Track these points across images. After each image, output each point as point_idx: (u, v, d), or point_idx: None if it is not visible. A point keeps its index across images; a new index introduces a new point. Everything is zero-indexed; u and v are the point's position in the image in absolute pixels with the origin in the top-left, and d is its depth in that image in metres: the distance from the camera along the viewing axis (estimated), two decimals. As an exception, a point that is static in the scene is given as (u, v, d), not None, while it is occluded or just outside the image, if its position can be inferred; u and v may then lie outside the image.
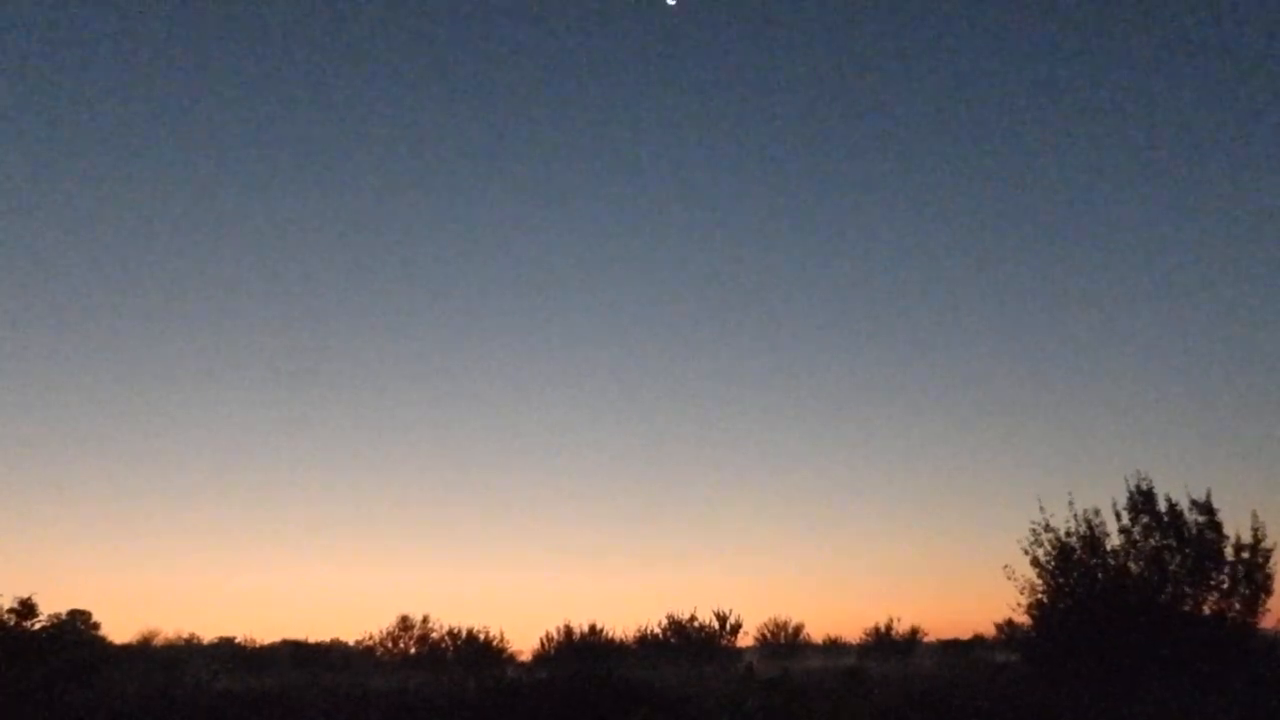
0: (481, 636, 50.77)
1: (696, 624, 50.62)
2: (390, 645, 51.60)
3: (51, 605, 24.44)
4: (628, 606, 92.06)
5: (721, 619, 50.76)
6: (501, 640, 51.03)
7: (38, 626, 23.57)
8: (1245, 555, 19.28)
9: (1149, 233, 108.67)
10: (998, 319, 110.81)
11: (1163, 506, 19.79)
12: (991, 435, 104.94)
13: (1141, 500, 19.98)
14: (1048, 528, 20.45)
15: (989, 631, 57.26)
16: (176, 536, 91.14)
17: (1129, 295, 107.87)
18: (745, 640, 54.61)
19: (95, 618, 54.28)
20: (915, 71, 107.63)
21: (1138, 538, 19.80)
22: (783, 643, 57.95)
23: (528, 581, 79.89)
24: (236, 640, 60.29)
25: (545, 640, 50.10)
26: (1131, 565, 19.70)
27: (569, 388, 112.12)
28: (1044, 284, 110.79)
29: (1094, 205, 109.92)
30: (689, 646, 49.83)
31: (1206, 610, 19.24)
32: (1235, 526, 19.59)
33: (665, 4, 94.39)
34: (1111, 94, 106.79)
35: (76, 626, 46.29)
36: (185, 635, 63.09)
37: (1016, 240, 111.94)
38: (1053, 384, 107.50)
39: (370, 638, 52.47)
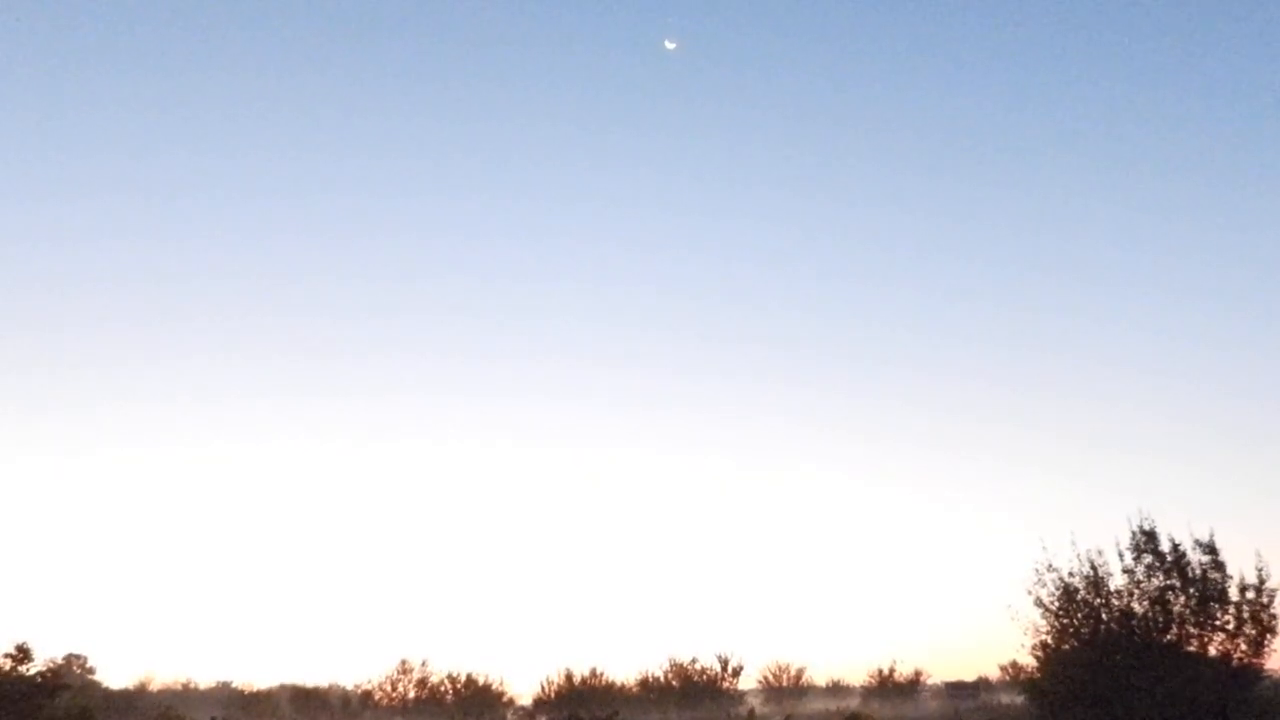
0: (481, 680, 50.40)
1: (698, 667, 50.24)
2: (390, 689, 51.14)
3: (47, 650, 24.24)
4: (629, 650, 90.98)
5: (723, 662, 50.39)
6: (501, 684, 50.66)
7: (33, 672, 23.38)
8: (1250, 595, 19.13)
9: (1149, 269, 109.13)
10: (999, 357, 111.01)
11: (1166, 546, 19.66)
12: (994, 474, 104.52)
13: (1144, 540, 19.87)
14: (1050, 568, 20.35)
15: (993, 673, 56.81)
16: (174, 580, 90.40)
17: (1131, 333, 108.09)
18: (747, 683, 54.22)
19: (91, 662, 53.91)
20: (914, 108, 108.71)
21: (1141, 578, 19.67)
22: (785, 685, 57.42)
23: (528, 625, 79.00)
24: (234, 685, 59.68)
25: (545, 684, 49.67)
26: (1135, 606, 19.55)
27: (565, 428, 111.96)
28: (1044, 322, 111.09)
29: (1095, 243, 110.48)
30: (691, 690, 49.40)
31: (1212, 651, 19.06)
32: (1239, 566, 19.48)
33: (664, 48, 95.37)
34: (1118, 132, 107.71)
35: (73, 671, 45.95)
36: (183, 680, 62.53)
37: (1017, 277, 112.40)
38: (1055, 422, 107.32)
39: (370, 681, 52.01)
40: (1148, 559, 19.70)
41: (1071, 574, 20.11)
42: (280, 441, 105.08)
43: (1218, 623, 19.12)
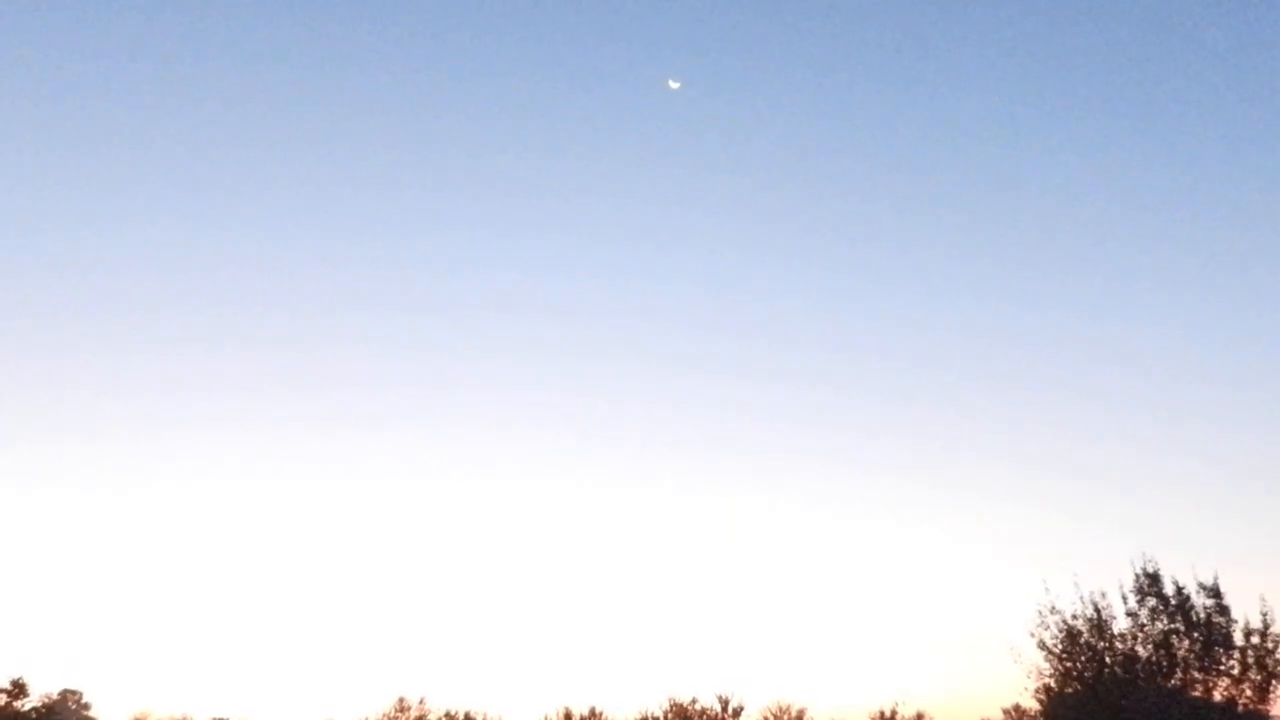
0: (480, 719, 49.90)
1: (698, 707, 49.76)
2: (386, 727, 50.53)
3: (43, 685, 24.09)
4: (629, 688, 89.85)
5: (724, 702, 49.85)
6: (500, 722, 50.10)
7: (28, 707, 23.22)
8: (1255, 640, 19.00)
9: (1153, 303, 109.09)
10: (1000, 395, 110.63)
11: (1170, 589, 19.60)
12: (997, 514, 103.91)
13: (1148, 582, 19.80)
14: (1054, 610, 20.27)
15: (996, 716, 56.11)
16: (172, 614, 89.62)
17: (1134, 372, 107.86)
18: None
19: (87, 698, 53.43)
20: (922, 144, 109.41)
21: (1145, 621, 19.58)
22: (786, 726, 56.70)
23: (527, 662, 78.19)
24: (230, 722, 59.04)
25: (544, 723, 49.12)
26: (1139, 649, 19.44)
27: (564, 460, 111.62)
28: (1045, 360, 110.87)
29: (1099, 278, 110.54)
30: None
31: (1217, 696, 18.91)
32: (1244, 610, 19.38)
33: (669, 87, 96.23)
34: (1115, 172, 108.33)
35: (68, 707, 45.55)
36: (179, 717, 61.87)
37: (1015, 316, 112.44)
38: (1057, 463, 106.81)
39: (367, 718, 51.43)
40: (1151, 602, 19.62)
41: (1075, 616, 20.05)
42: (277, 474, 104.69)
43: (1222, 667, 18.99)
